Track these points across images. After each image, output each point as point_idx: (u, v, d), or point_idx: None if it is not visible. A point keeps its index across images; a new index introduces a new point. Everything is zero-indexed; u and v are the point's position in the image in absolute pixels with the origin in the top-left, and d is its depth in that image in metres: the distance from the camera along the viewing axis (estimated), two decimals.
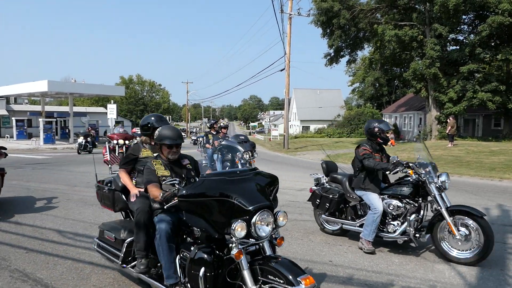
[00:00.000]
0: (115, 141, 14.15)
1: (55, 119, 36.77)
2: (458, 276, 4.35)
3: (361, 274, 4.42)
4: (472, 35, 25.44)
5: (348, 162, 18.68)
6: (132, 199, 3.87)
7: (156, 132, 3.66)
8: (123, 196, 4.16)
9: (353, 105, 68.91)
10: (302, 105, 63.37)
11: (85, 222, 6.52)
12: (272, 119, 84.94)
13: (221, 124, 12.61)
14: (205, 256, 2.82)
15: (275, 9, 38.54)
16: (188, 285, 3.02)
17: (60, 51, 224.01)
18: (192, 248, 2.99)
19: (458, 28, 26.45)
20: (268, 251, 2.84)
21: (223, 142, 9.00)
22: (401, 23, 25.64)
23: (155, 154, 3.98)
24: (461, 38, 27.34)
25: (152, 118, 4.28)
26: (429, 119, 28.05)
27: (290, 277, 2.52)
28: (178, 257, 3.22)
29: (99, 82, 69.97)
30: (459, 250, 4.69)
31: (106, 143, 14.23)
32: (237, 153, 8.11)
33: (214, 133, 11.89)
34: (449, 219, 4.66)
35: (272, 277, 2.60)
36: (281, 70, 28.63)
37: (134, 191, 3.95)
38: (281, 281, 2.55)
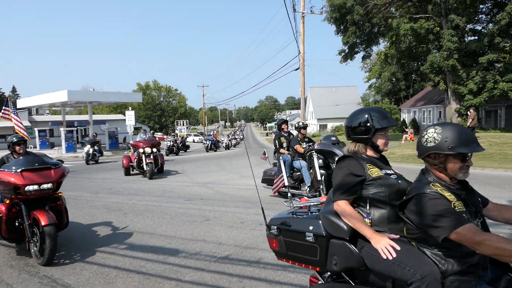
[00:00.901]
0: (141, 150, 13.03)
1: (75, 128, 37.56)
2: None
3: None
4: (490, 24, 24.84)
5: None
6: (383, 255, 2.10)
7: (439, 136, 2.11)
8: (354, 248, 2.28)
9: (370, 101, 68.18)
10: (319, 104, 63.01)
11: (109, 227, 6.66)
12: (288, 118, 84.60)
13: (300, 123, 9.61)
14: None
15: (287, 8, 38.39)
16: None
17: (77, 61, 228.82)
18: None
19: (476, 18, 25.87)
20: None
21: (316, 146, 8.09)
22: (417, 16, 25.23)
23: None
24: (479, 28, 26.74)
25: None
26: (449, 112, 27.51)
27: None
28: None
29: (117, 89, 71.16)
30: None
31: (130, 151, 14.21)
32: (335, 158, 7.37)
33: (286, 134, 9.45)
34: None
35: None
36: (296, 70, 28.52)
37: (381, 240, 2.16)
38: None
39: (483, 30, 25.83)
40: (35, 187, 4.85)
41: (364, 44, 31.05)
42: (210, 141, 33.36)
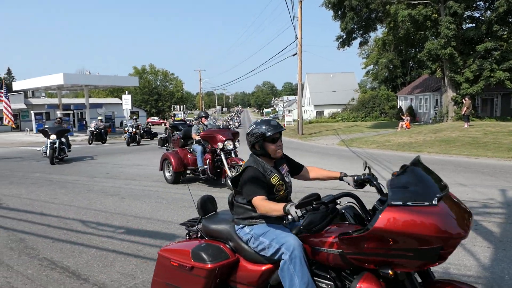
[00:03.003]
0: (219, 145, 8.43)
1: (72, 112, 37.44)
2: (471, 257, 4.41)
3: None
4: (488, 12, 24.75)
5: (363, 146, 18.71)
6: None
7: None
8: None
9: (367, 88, 68.09)
10: (316, 90, 62.86)
11: (107, 212, 6.75)
12: (285, 104, 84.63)
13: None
14: None
15: None
16: None
17: (73, 44, 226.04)
18: None
19: (474, 5, 25.71)
20: None
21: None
22: (415, 2, 25.05)
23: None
24: (477, 15, 26.62)
25: None
26: (445, 100, 27.59)
27: None
28: None
29: (113, 73, 70.67)
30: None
31: (167, 147, 11.40)
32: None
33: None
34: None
35: None
36: (293, 55, 28.45)
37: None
38: None
39: (481, 17, 25.74)
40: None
41: (361, 30, 30.85)
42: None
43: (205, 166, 8.68)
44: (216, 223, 2.99)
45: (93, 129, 23.36)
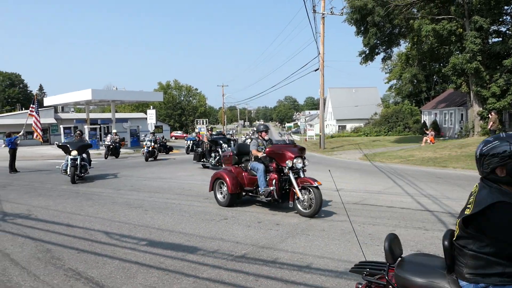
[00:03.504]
0: (288, 163, 7.35)
1: (99, 126, 38.44)
2: None
3: None
4: None
5: (386, 161, 18.44)
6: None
7: None
8: None
9: (390, 103, 67.31)
10: (338, 104, 62.56)
11: (130, 224, 6.87)
12: (307, 119, 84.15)
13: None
14: None
15: (307, 9, 38.47)
16: None
17: (100, 60, 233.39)
18: None
19: (500, 19, 25.24)
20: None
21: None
22: (439, 17, 24.82)
23: None
24: (503, 29, 26.09)
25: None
26: (471, 115, 26.95)
27: None
28: None
29: (139, 88, 72.31)
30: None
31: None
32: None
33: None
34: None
35: None
36: (316, 70, 28.52)
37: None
38: None
39: (507, 31, 25.20)
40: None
41: (384, 45, 30.69)
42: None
43: (271, 188, 7.44)
44: (421, 275, 2.15)
45: (109, 143, 22.89)
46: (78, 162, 12.35)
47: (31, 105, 18.65)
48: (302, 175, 7.39)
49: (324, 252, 5.19)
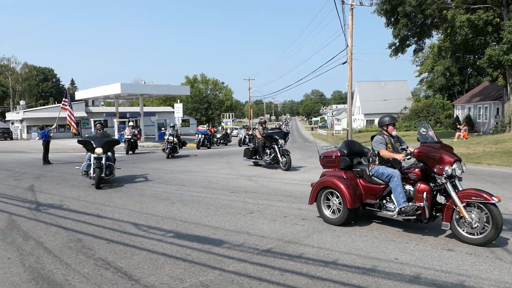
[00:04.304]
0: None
1: (127, 119, 39.32)
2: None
3: (428, 273, 4.28)
4: None
5: None
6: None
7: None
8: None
9: (421, 97, 65.53)
10: (366, 98, 61.47)
11: (157, 216, 6.97)
12: (334, 113, 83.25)
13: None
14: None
15: (335, 0, 37.82)
16: None
17: (129, 54, 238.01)
18: None
19: None
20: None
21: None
22: (474, 6, 23.84)
23: None
24: None
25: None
26: (507, 109, 25.88)
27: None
28: None
29: (166, 82, 73.42)
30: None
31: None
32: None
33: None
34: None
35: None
36: (343, 63, 28.07)
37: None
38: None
39: None
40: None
41: (416, 37, 29.83)
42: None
43: (421, 204, 5.43)
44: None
45: (129, 136, 21.10)
46: (104, 162, 10.08)
47: (64, 99, 19.20)
48: (459, 186, 5.45)
49: (350, 248, 5.10)
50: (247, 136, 27.83)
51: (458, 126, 29.19)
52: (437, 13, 25.99)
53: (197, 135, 28.55)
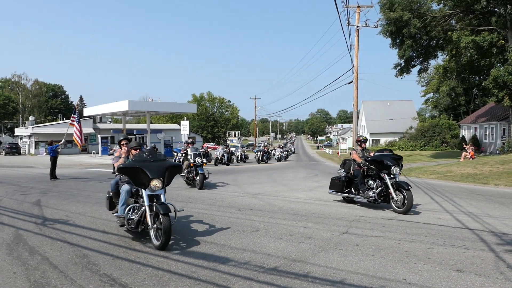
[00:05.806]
0: None
1: (134, 136, 39.63)
2: None
3: None
4: None
5: (422, 177, 17.86)
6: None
7: None
8: None
9: (426, 116, 65.53)
10: (372, 118, 61.53)
11: None
12: (340, 132, 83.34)
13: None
14: None
15: (342, 22, 38.33)
16: None
17: (137, 72, 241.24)
18: None
19: None
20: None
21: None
22: (479, 29, 24.08)
23: None
24: None
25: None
26: None
27: None
28: None
29: (173, 100, 74.04)
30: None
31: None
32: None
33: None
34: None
35: None
36: (349, 83, 28.25)
37: None
38: None
39: None
40: None
41: (421, 58, 30.05)
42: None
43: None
44: None
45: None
46: (163, 200, 6.38)
47: (72, 115, 19.45)
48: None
49: (358, 268, 5.05)
50: (225, 155, 27.74)
51: (464, 146, 29.05)
52: (442, 34, 26.26)
53: (175, 152, 27.49)
